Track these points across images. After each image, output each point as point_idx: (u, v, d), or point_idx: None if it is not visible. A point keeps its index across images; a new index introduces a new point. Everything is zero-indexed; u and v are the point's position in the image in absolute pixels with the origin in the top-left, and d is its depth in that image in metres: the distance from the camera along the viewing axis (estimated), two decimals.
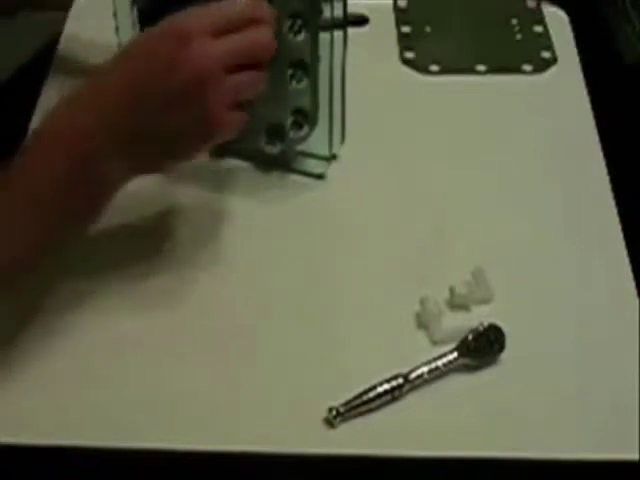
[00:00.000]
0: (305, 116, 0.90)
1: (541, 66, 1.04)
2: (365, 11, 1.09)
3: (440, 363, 0.77)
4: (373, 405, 0.76)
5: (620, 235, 0.88)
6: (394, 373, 0.76)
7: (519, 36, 1.08)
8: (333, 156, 0.93)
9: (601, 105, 0.99)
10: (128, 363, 0.78)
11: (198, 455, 0.74)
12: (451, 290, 0.82)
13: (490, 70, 1.04)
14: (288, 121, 0.90)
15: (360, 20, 1.08)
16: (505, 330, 0.79)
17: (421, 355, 0.78)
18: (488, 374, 0.78)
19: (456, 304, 0.82)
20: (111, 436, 0.74)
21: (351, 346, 0.80)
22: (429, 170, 0.94)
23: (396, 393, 0.76)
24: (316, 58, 0.87)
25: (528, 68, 1.04)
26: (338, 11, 0.85)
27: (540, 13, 1.10)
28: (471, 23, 1.09)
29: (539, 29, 1.08)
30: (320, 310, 0.83)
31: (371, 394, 0.75)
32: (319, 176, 0.93)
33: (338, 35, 0.86)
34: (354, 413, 0.75)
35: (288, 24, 0.84)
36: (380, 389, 0.76)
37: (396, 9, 1.11)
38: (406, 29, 1.08)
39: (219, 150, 0.92)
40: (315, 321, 0.82)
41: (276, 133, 0.91)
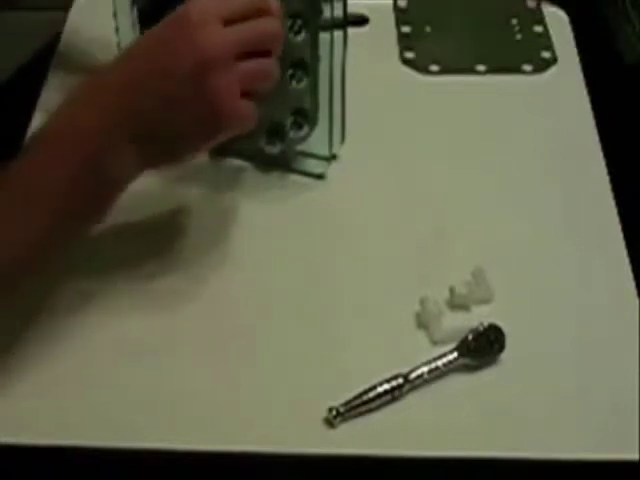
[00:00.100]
0: (305, 116, 0.90)
1: (541, 66, 1.04)
2: (365, 11, 1.09)
3: (440, 363, 0.77)
4: (373, 405, 0.76)
5: (620, 235, 0.88)
6: (394, 373, 0.76)
7: (519, 36, 1.08)
8: (333, 156, 0.93)
9: (601, 105, 0.99)
10: (128, 363, 0.78)
11: (198, 455, 0.74)
12: (451, 290, 0.82)
13: (490, 70, 1.04)
14: (288, 121, 0.90)
15: (360, 20, 1.08)
16: (505, 330, 0.79)
17: (421, 355, 0.78)
18: (488, 374, 0.78)
19: (456, 304, 0.82)
20: (111, 436, 0.74)
21: (351, 346, 0.80)
22: (429, 170, 0.94)
23: (396, 393, 0.76)
24: (316, 58, 0.87)
25: (528, 68, 1.04)
26: (338, 11, 0.85)
27: (540, 13, 1.10)
28: (471, 23, 1.09)
29: (539, 29, 1.08)
30: (320, 310, 0.83)
31: (371, 394, 0.75)
32: (319, 176, 0.93)
33: (338, 35, 0.86)
34: (354, 413, 0.75)
35: (288, 24, 0.84)
36: (380, 389, 0.76)
37: (396, 9, 1.11)
38: (406, 29, 1.08)
39: (219, 150, 0.92)
40: (315, 321, 0.82)
41: (276, 133, 0.91)
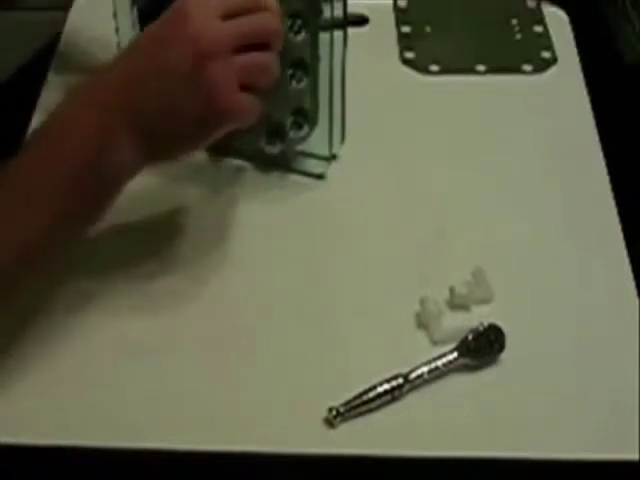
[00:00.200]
0: (305, 116, 0.90)
1: (541, 66, 1.04)
2: (365, 11, 1.09)
3: (440, 363, 0.77)
4: (373, 405, 0.75)
5: (620, 235, 0.88)
6: (394, 373, 0.76)
7: (519, 36, 1.08)
8: (333, 156, 0.93)
9: (601, 105, 0.99)
10: (128, 363, 0.78)
11: (198, 455, 0.74)
12: (451, 290, 0.82)
13: (490, 70, 1.04)
14: (288, 121, 0.90)
15: (360, 20, 1.08)
16: (505, 330, 0.79)
17: (421, 355, 0.78)
18: (488, 374, 0.78)
19: (456, 304, 0.82)
20: (111, 436, 0.74)
21: (351, 346, 0.80)
22: (429, 170, 0.94)
23: (396, 393, 0.76)
24: (316, 58, 0.87)
25: (528, 68, 1.04)
26: (338, 11, 0.85)
27: (540, 13, 1.10)
28: (471, 23, 1.09)
29: (539, 29, 1.08)
30: (320, 310, 0.83)
31: (371, 394, 0.75)
32: (319, 176, 0.93)
33: (338, 35, 0.86)
34: (354, 413, 0.75)
35: (288, 24, 0.84)
36: (380, 389, 0.76)
37: (396, 9, 1.11)
38: (406, 29, 1.08)
39: (219, 150, 0.92)
40: (315, 321, 0.82)
41: (276, 133, 0.91)
